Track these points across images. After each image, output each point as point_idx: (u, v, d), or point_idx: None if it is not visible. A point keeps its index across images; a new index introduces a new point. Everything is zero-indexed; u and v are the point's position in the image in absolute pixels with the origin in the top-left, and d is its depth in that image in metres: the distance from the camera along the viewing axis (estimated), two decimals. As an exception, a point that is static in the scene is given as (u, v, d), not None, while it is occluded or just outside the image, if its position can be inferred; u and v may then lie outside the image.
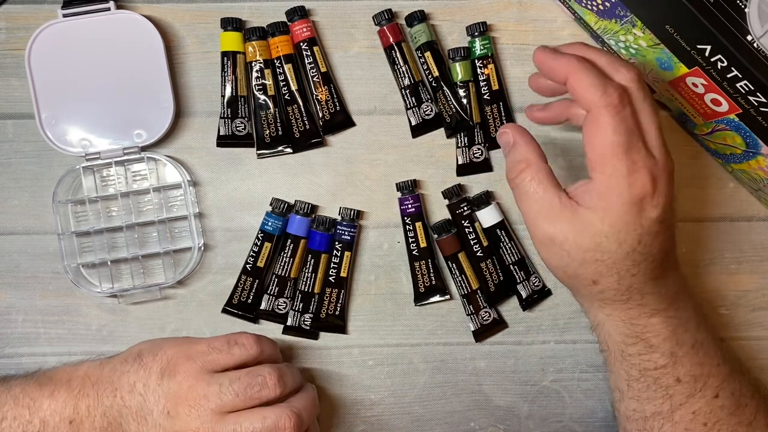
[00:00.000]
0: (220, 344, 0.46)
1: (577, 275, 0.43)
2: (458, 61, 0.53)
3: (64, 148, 0.51)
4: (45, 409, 0.43)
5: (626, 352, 0.45)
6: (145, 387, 0.44)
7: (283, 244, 0.53)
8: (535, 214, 0.42)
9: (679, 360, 0.44)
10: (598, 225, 0.40)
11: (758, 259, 0.55)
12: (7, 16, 0.53)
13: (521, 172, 0.42)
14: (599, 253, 0.41)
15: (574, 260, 0.42)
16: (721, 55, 0.42)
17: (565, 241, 0.41)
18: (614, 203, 0.40)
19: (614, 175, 0.39)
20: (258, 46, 0.52)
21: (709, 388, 0.44)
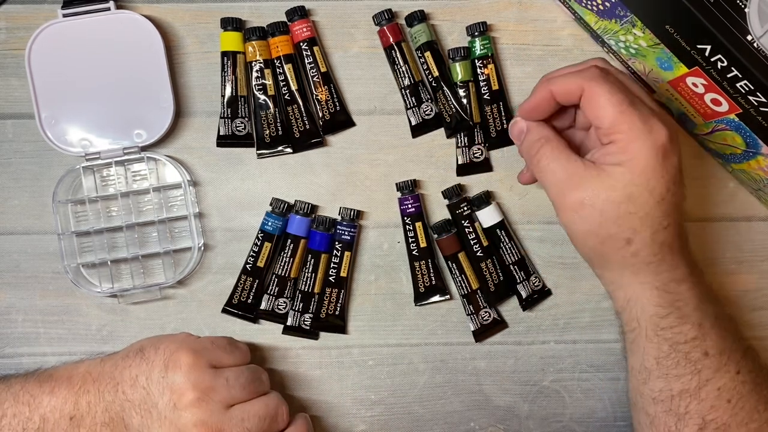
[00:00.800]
0: (223, 343, 0.47)
1: (611, 235, 0.42)
2: (458, 61, 0.53)
3: (64, 148, 0.51)
4: (45, 405, 0.43)
5: (659, 326, 0.44)
6: (148, 380, 0.44)
7: (283, 244, 0.53)
8: (561, 183, 0.43)
9: (706, 332, 0.44)
10: (628, 176, 0.41)
11: (758, 259, 0.55)
12: (7, 16, 0.53)
13: (540, 147, 0.44)
14: (632, 204, 0.41)
15: (608, 218, 0.42)
16: (721, 55, 0.42)
17: (597, 200, 0.41)
18: (639, 153, 0.41)
19: (631, 127, 0.40)
20: (258, 46, 0.53)
21: (732, 362, 0.44)
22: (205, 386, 0.44)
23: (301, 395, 0.54)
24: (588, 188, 0.42)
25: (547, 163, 0.44)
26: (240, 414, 0.44)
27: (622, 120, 0.41)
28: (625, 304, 0.46)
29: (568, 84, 0.43)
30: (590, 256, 0.46)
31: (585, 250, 0.45)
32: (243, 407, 0.45)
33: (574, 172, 0.42)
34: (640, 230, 0.42)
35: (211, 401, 0.44)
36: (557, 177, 0.43)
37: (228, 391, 0.45)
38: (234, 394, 0.45)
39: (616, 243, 0.43)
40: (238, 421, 0.44)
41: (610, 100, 0.41)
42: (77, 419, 0.43)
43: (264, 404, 0.46)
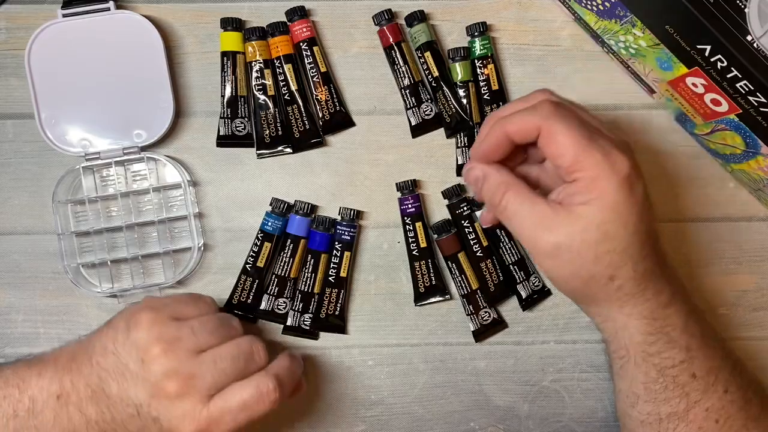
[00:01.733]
0: (184, 298, 0.48)
1: (592, 276, 0.42)
2: (458, 61, 0.53)
3: (63, 148, 0.51)
4: (33, 386, 0.44)
5: (647, 352, 0.44)
6: (114, 344, 0.44)
7: (283, 244, 0.53)
8: (531, 228, 0.42)
9: (694, 354, 0.44)
10: (599, 215, 0.40)
11: (758, 259, 0.55)
12: (7, 16, 0.53)
13: (504, 194, 0.42)
14: (609, 242, 0.40)
15: (587, 260, 0.41)
16: (721, 55, 0.42)
17: (573, 243, 0.40)
18: (606, 189, 0.40)
19: (593, 164, 0.40)
20: (258, 46, 0.52)
21: (720, 382, 0.44)
22: (169, 337, 0.44)
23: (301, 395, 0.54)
24: (561, 233, 0.41)
25: (514, 211, 0.42)
26: (211, 357, 0.44)
27: (584, 157, 0.40)
28: (613, 333, 0.45)
29: (523, 123, 0.42)
30: (574, 296, 0.45)
31: (568, 291, 0.44)
32: (214, 351, 0.44)
33: (544, 217, 0.41)
34: (620, 265, 0.41)
35: (178, 349, 0.44)
36: (527, 224, 0.42)
37: (194, 337, 0.44)
38: (201, 340, 0.44)
39: (600, 281, 0.42)
40: (210, 364, 0.44)
41: (569, 137, 0.40)
42: (63, 397, 0.43)
43: (235, 344, 0.45)
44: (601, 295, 0.43)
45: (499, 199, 0.43)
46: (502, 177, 0.43)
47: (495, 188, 0.43)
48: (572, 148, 0.40)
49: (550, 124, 0.40)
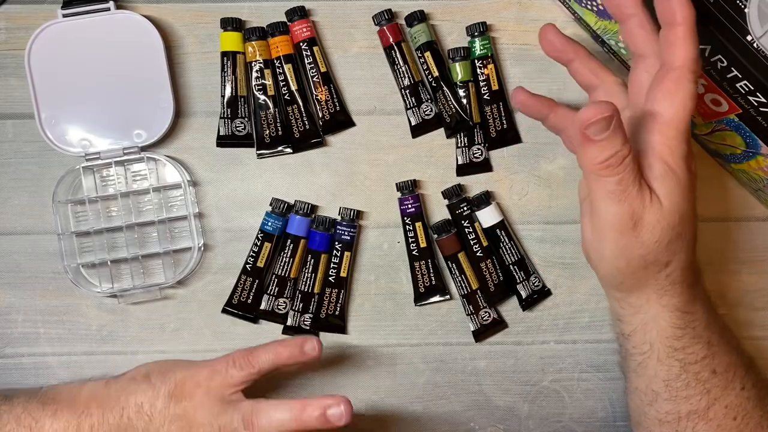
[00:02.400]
0: (221, 366, 0.46)
1: (656, 261, 0.41)
2: (458, 61, 0.53)
3: (63, 148, 0.51)
4: (47, 429, 0.43)
5: (674, 347, 0.44)
6: (152, 408, 0.44)
7: (283, 244, 0.53)
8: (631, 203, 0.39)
9: (715, 350, 0.44)
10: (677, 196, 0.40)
11: (758, 259, 0.55)
12: (7, 16, 0.53)
13: (625, 158, 0.38)
14: (681, 225, 0.41)
15: (661, 243, 0.40)
16: (721, 56, 0.42)
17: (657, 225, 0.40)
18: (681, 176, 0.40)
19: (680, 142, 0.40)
20: (258, 46, 0.52)
21: (737, 378, 0.45)
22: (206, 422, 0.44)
23: (301, 395, 0.54)
24: (651, 214, 0.40)
25: (626, 180, 0.39)
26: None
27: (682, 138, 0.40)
28: (639, 326, 0.45)
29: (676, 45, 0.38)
30: (621, 281, 0.43)
31: (620, 275, 0.43)
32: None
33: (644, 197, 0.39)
34: (679, 252, 0.42)
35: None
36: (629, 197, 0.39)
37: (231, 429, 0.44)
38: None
39: (657, 266, 0.42)
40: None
41: (688, 109, 0.39)
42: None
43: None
44: (651, 281, 0.43)
45: (619, 161, 0.38)
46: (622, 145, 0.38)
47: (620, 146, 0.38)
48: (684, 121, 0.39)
49: (688, 80, 0.39)
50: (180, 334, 0.54)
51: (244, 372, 0.46)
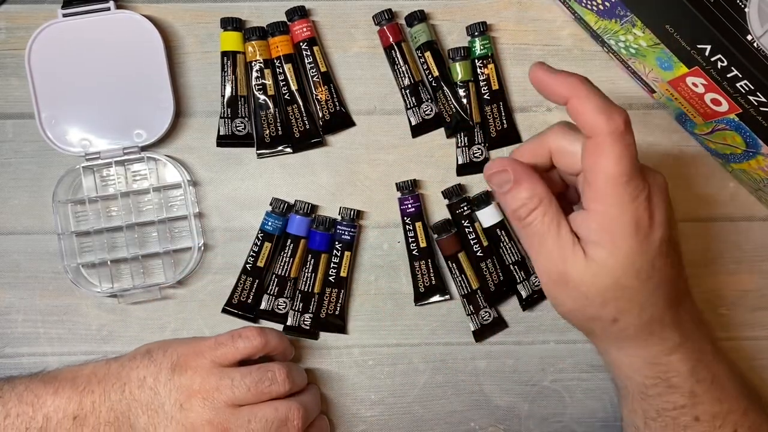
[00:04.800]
0: (225, 339, 0.47)
1: (598, 316, 0.40)
2: (458, 60, 0.53)
3: (64, 148, 0.51)
4: (49, 405, 0.43)
5: (646, 393, 0.43)
6: (155, 381, 0.45)
7: (283, 243, 0.53)
8: (551, 255, 0.39)
9: (698, 399, 0.42)
10: (611, 260, 0.38)
11: (758, 258, 0.55)
12: (7, 16, 0.53)
13: (534, 209, 0.39)
14: (619, 290, 0.39)
15: (594, 302, 0.39)
16: (721, 55, 0.42)
17: (582, 283, 0.39)
18: (619, 234, 0.38)
19: (616, 204, 0.37)
20: (258, 46, 0.52)
21: (728, 424, 0.43)
22: (209, 386, 0.45)
23: (301, 395, 0.54)
24: (574, 270, 0.39)
25: (539, 230, 0.39)
26: (247, 415, 0.45)
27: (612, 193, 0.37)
28: (613, 365, 0.45)
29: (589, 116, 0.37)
30: (575, 325, 0.43)
31: (569, 320, 0.43)
32: (251, 409, 0.45)
33: (564, 247, 0.39)
34: (627, 310, 0.40)
35: (216, 401, 0.44)
36: (545, 248, 0.39)
37: (232, 391, 0.45)
38: (238, 395, 0.45)
39: (603, 322, 0.41)
40: (244, 422, 0.45)
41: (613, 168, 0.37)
42: (81, 419, 0.43)
43: (273, 408, 0.46)
44: (602, 334, 0.42)
45: (527, 212, 0.39)
46: (536, 188, 0.39)
47: (526, 199, 0.39)
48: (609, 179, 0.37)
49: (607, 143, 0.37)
50: (180, 334, 0.54)
51: (254, 343, 0.47)
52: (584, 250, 0.39)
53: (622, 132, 0.37)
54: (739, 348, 0.55)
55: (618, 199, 0.37)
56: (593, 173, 0.38)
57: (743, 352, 0.55)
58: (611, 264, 0.38)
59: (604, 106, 0.37)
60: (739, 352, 0.55)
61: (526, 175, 0.39)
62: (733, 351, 0.55)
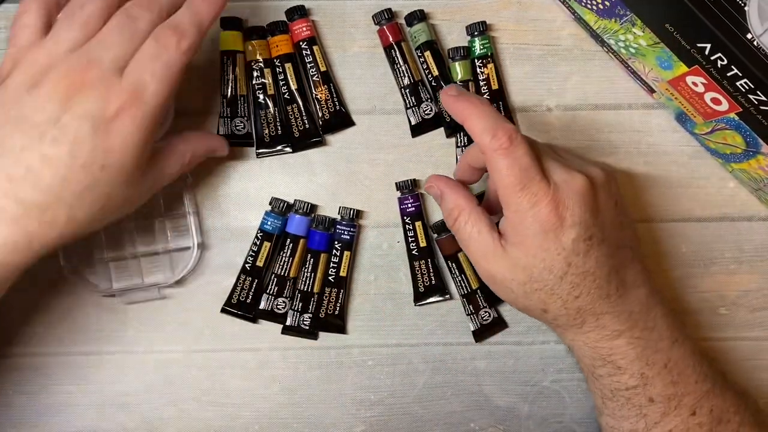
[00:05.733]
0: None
1: (527, 307, 0.45)
2: (458, 60, 0.53)
3: (63, 147, 0.51)
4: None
5: (596, 374, 0.46)
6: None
7: (283, 243, 0.53)
8: (476, 255, 0.44)
9: (650, 381, 0.44)
10: (523, 258, 0.42)
11: (759, 258, 0.55)
12: (7, 16, 0.53)
13: (456, 218, 0.45)
14: (535, 283, 0.43)
15: (519, 295, 0.44)
16: (721, 54, 0.42)
17: (504, 279, 0.44)
18: (527, 235, 0.42)
19: (518, 210, 0.42)
20: (258, 46, 0.52)
21: (684, 406, 0.44)
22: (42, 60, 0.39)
23: (300, 395, 0.54)
24: (496, 265, 0.44)
25: (465, 233, 0.45)
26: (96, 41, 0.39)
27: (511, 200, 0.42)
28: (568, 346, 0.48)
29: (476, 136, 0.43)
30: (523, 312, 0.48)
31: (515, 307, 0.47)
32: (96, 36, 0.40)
33: (486, 247, 0.44)
34: (551, 302, 0.43)
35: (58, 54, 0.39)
36: (472, 248, 0.45)
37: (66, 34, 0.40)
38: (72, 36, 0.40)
39: (535, 312, 0.45)
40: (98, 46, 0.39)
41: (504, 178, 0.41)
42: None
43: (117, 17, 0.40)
44: (541, 320, 0.46)
45: (453, 221, 0.46)
46: (457, 200, 0.46)
47: (450, 209, 0.46)
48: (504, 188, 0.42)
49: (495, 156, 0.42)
50: (179, 334, 0.53)
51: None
52: (504, 248, 0.43)
53: (507, 147, 0.41)
54: (739, 348, 0.55)
55: (517, 206, 0.42)
56: (495, 185, 0.44)
57: (743, 352, 0.55)
58: (523, 260, 0.42)
59: (490, 125, 0.42)
60: (739, 352, 0.55)
61: (448, 189, 0.46)
62: (733, 351, 0.55)
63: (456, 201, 0.46)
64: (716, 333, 0.55)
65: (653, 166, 0.55)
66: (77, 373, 0.53)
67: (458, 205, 0.45)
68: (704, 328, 0.55)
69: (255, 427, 0.54)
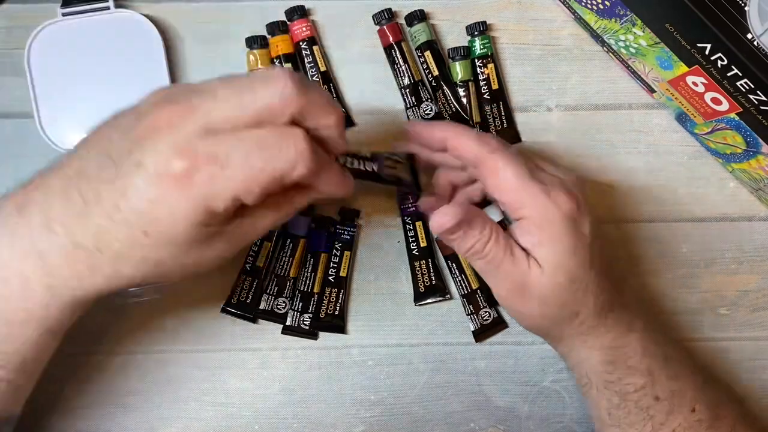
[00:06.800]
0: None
1: (562, 316, 0.44)
2: (458, 60, 0.53)
3: (63, 148, 0.51)
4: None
5: (608, 380, 0.45)
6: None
7: (283, 243, 0.53)
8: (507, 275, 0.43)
9: (655, 377, 0.45)
10: (559, 258, 0.41)
11: (759, 258, 0.55)
12: (7, 15, 0.53)
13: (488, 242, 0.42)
14: (574, 283, 0.42)
15: (556, 303, 0.43)
16: (721, 54, 0.42)
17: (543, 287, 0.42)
18: (556, 231, 0.41)
19: (536, 202, 0.41)
20: (259, 55, 0.52)
21: (686, 402, 0.45)
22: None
23: (300, 395, 0.54)
24: (533, 279, 0.42)
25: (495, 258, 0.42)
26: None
27: (525, 194, 0.41)
28: (575, 363, 0.47)
29: (466, 147, 0.42)
30: (539, 333, 0.48)
31: (534, 329, 0.47)
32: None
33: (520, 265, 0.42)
34: (584, 302, 0.43)
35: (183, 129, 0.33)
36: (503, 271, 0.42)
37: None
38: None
39: (567, 320, 0.44)
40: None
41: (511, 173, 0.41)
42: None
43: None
44: (568, 331, 0.45)
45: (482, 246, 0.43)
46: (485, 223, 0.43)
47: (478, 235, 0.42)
48: (513, 185, 0.41)
49: (492, 159, 0.41)
50: (179, 334, 0.53)
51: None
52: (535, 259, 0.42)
53: (500, 148, 0.41)
54: (739, 348, 0.55)
55: (533, 197, 0.41)
56: (500, 190, 0.41)
57: (743, 352, 0.55)
58: (558, 260, 0.41)
59: (476, 136, 0.42)
60: (739, 352, 0.55)
61: (473, 214, 0.43)
62: (733, 351, 0.55)
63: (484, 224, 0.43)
64: (716, 333, 0.55)
65: (653, 166, 0.55)
66: (77, 373, 0.53)
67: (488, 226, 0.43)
68: (704, 328, 0.55)
69: (255, 427, 0.54)
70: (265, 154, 0.32)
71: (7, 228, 0.35)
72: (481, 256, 0.43)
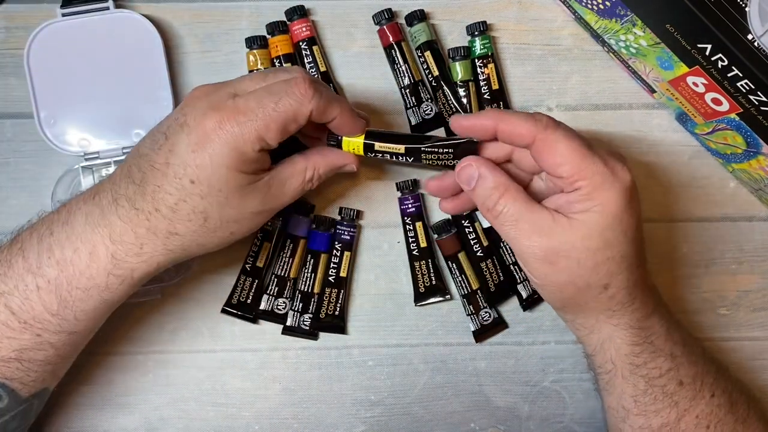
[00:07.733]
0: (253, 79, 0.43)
1: (588, 284, 0.42)
2: (458, 60, 0.53)
3: (62, 148, 0.51)
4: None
5: (634, 364, 0.44)
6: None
7: (283, 243, 0.53)
8: (528, 234, 0.41)
9: (679, 361, 0.44)
10: (602, 221, 0.40)
11: (759, 259, 0.55)
12: (7, 16, 0.53)
13: (500, 197, 0.42)
14: (609, 250, 0.41)
15: (586, 267, 0.41)
16: (722, 54, 0.42)
17: (573, 249, 0.40)
18: (609, 197, 0.40)
19: (596, 172, 0.40)
20: (259, 55, 0.52)
21: (706, 387, 0.45)
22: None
23: (301, 395, 0.54)
24: (561, 239, 0.40)
25: (511, 214, 0.42)
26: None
27: (586, 165, 0.40)
28: (598, 346, 0.45)
29: (519, 126, 0.41)
30: (564, 305, 0.45)
31: (559, 299, 0.44)
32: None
33: (543, 222, 0.41)
34: (617, 273, 0.42)
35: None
36: (523, 229, 0.41)
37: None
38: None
39: (594, 290, 0.42)
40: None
41: (569, 147, 0.40)
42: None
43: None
44: (593, 303, 0.43)
45: (495, 202, 0.42)
46: (499, 179, 0.42)
47: (491, 191, 0.42)
48: (573, 156, 0.40)
49: (549, 134, 0.41)
50: (179, 334, 0.53)
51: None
52: (570, 218, 0.41)
53: (554, 123, 0.41)
54: (739, 348, 0.55)
55: (593, 168, 0.40)
56: (558, 164, 0.40)
57: (743, 352, 0.55)
58: (601, 224, 0.40)
59: (526, 115, 0.42)
60: (739, 352, 0.55)
61: (488, 169, 0.43)
62: (733, 351, 0.55)
63: (499, 179, 0.42)
64: (716, 333, 0.55)
65: (653, 166, 0.55)
66: (77, 373, 0.53)
67: (502, 183, 0.42)
68: (705, 328, 0.55)
69: (255, 427, 0.54)
70: (274, 98, 0.40)
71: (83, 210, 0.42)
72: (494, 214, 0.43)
